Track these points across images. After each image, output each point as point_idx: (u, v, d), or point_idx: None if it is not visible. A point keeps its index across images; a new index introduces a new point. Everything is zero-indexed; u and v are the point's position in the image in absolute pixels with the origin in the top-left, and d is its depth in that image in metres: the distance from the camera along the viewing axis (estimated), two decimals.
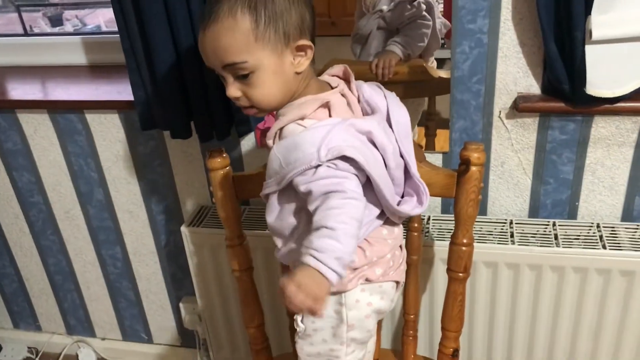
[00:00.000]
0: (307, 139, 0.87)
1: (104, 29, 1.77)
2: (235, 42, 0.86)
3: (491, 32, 1.21)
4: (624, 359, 1.34)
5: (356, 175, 0.88)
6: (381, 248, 0.99)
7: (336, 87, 0.96)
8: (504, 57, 1.23)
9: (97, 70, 1.63)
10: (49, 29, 1.84)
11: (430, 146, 1.39)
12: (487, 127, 1.31)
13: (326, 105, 0.93)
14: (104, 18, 1.79)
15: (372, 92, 0.99)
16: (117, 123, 1.51)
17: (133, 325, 1.87)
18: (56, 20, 1.86)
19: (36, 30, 1.79)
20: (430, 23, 1.30)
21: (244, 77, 0.88)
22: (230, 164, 1.14)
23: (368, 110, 0.98)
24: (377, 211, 0.97)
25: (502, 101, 1.27)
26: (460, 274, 1.11)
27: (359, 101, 0.98)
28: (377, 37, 1.35)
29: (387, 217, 0.99)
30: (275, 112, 0.97)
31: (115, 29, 1.27)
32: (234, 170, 1.15)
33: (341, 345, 1.00)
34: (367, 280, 0.98)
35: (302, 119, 0.90)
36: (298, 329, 1.01)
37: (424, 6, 1.30)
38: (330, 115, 0.93)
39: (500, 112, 1.28)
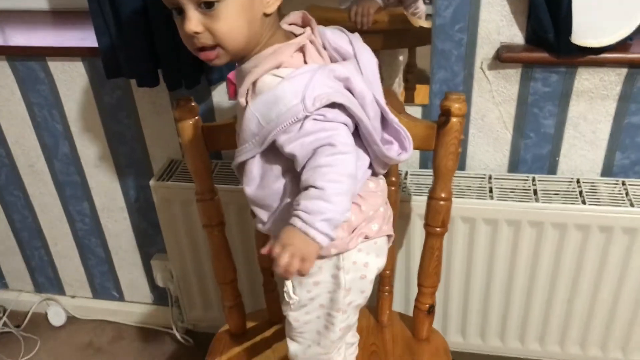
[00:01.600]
0: (287, 89, 0.79)
1: None
2: None
3: None
4: (600, 314, 1.33)
5: (345, 124, 0.82)
6: (375, 200, 0.94)
7: (301, 34, 0.88)
8: (488, 4, 1.17)
9: (59, 16, 1.54)
10: None
11: (409, 100, 1.35)
12: (468, 79, 1.26)
13: (301, 50, 0.86)
14: None
15: (337, 37, 0.91)
16: (82, 71, 1.43)
17: (103, 282, 1.83)
18: None
19: None
20: None
21: (207, 6, 0.77)
22: (200, 114, 1.08)
23: (336, 57, 0.90)
24: (367, 161, 0.92)
25: (485, 51, 1.23)
26: (438, 229, 1.08)
27: (324, 48, 0.90)
28: None
29: (372, 169, 0.94)
30: (237, 66, 0.88)
31: None
32: (204, 121, 1.09)
33: (338, 311, 0.95)
34: (366, 237, 0.93)
35: (278, 67, 0.82)
36: (291, 301, 0.95)
37: None
38: (305, 62, 0.85)
39: (482, 62, 1.24)
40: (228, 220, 1.38)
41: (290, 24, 0.92)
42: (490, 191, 1.28)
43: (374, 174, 0.96)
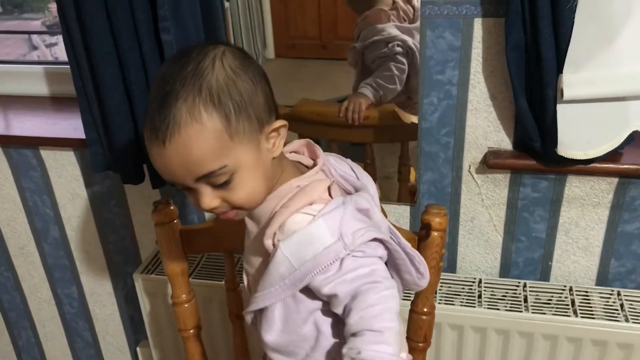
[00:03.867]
0: (323, 227, 0.73)
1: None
2: (210, 148, 0.69)
3: (460, 84, 1.15)
4: None
5: (380, 257, 0.77)
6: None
7: (313, 165, 0.83)
8: (474, 110, 1.17)
9: (58, 102, 1.57)
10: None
11: (403, 192, 1.33)
12: (457, 181, 1.24)
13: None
14: None
15: (341, 165, 0.86)
16: (73, 160, 1.44)
17: None
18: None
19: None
20: (405, 67, 1.25)
21: (222, 185, 0.72)
22: (184, 211, 1.07)
23: (345, 186, 0.84)
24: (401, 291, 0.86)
25: (472, 155, 1.21)
26: (420, 344, 1.04)
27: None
28: (358, 73, 1.30)
29: None
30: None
31: None
32: (192, 221, 1.07)
33: None
34: None
35: (311, 204, 0.76)
36: None
37: (399, 49, 1.24)
38: (330, 196, 0.79)
39: (470, 166, 1.22)
40: (211, 317, 1.36)
41: (292, 152, 0.87)
42: (480, 297, 1.24)
43: None
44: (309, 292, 0.77)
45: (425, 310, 1.02)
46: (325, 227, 0.73)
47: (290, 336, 0.82)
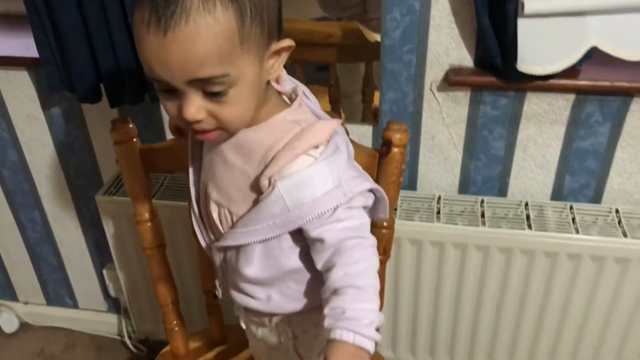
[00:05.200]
0: (324, 172, 0.70)
1: None
2: (217, 49, 0.62)
3: None
4: (544, 339, 1.34)
5: (365, 206, 0.76)
6: None
7: (287, 93, 0.79)
8: (437, 26, 1.16)
9: (7, 20, 1.50)
10: None
11: (367, 113, 1.33)
12: (418, 100, 1.25)
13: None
14: None
15: (309, 94, 0.83)
16: (27, 81, 1.39)
17: (57, 290, 1.80)
18: None
19: None
20: None
21: (215, 95, 0.65)
22: (144, 131, 1.05)
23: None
24: None
25: (434, 73, 1.21)
26: (380, 257, 1.06)
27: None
28: None
29: None
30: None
31: None
32: (151, 140, 1.06)
33: None
34: None
35: (316, 147, 0.72)
36: None
37: None
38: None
39: (431, 84, 1.22)
40: (174, 238, 1.37)
41: None
42: (438, 213, 1.27)
43: None
44: (295, 232, 0.74)
45: (385, 224, 1.04)
46: (327, 171, 0.70)
47: (270, 271, 0.79)
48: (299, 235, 0.75)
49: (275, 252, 0.77)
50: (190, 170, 0.85)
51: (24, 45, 1.36)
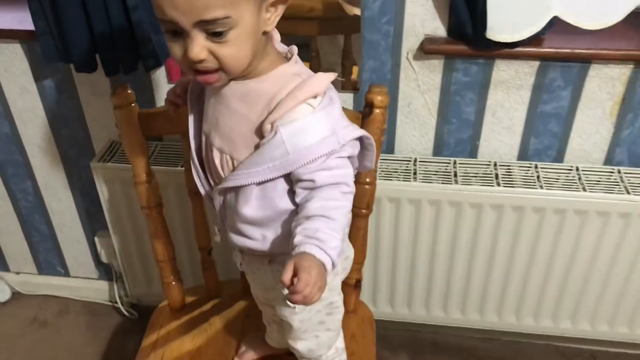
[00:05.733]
0: (322, 120, 0.78)
1: None
2: None
3: None
4: (511, 288, 1.46)
5: (352, 156, 0.84)
6: None
7: (289, 53, 0.86)
8: None
9: None
10: None
11: (347, 84, 1.41)
12: (395, 68, 1.34)
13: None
14: None
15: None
16: (20, 53, 1.44)
17: (48, 258, 1.86)
18: None
19: None
20: None
21: (217, 35, 0.73)
22: (136, 100, 1.12)
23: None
24: None
25: (410, 42, 1.30)
26: (363, 211, 1.17)
27: None
28: None
29: None
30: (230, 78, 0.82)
31: None
32: (143, 106, 1.13)
33: (336, 295, 1.03)
34: None
35: (315, 97, 0.80)
36: (297, 308, 0.97)
37: None
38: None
39: (408, 53, 1.31)
40: (167, 201, 1.43)
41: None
42: (415, 173, 1.38)
43: None
44: (289, 174, 0.82)
45: (367, 180, 1.14)
46: (324, 121, 0.79)
47: (265, 211, 0.86)
48: (292, 179, 0.83)
49: (271, 194, 0.85)
50: (190, 125, 0.93)
51: (15, 19, 1.41)
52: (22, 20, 1.39)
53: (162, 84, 1.43)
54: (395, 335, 1.71)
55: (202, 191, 0.96)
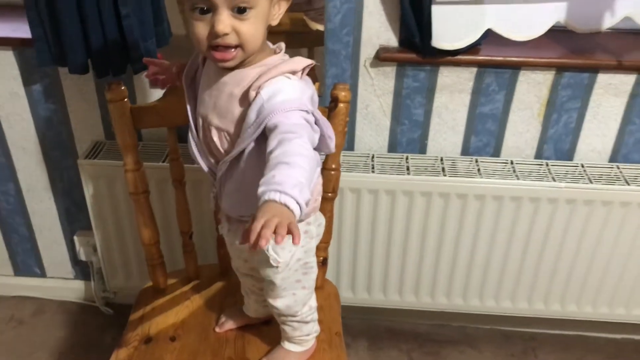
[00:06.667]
0: (295, 85, 0.95)
1: None
2: None
3: None
4: (458, 270, 1.64)
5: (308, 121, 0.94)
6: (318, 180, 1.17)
7: (277, 49, 1.03)
8: (369, 12, 1.44)
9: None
10: None
11: None
12: (355, 74, 1.53)
13: None
14: None
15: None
16: (11, 60, 1.56)
17: (26, 260, 1.94)
18: None
19: None
20: None
21: (241, 11, 0.89)
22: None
23: None
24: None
25: (367, 51, 1.50)
26: (330, 194, 1.33)
27: None
28: None
29: None
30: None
31: None
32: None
33: (311, 256, 1.17)
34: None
35: (293, 73, 0.97)
36: (279, 266, 1.09)
37: None
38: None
39: (365, 61, 1.51)
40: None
41: None
42: (373, 168, 1.56)
43: None
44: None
45: (333, 166, 1.30)
46: (298, 87, 0.96)
47: (254, 170, 0.94)
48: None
49: (259, 154, 0.96)
50: (188, 109, 1.09)
51: (9, 28, 1.54)
52: (15, 29, 1.52)
53: (144, 86, 1.58)
54: (355, 324, 1.87)
55: (204, 167, 1.10)
